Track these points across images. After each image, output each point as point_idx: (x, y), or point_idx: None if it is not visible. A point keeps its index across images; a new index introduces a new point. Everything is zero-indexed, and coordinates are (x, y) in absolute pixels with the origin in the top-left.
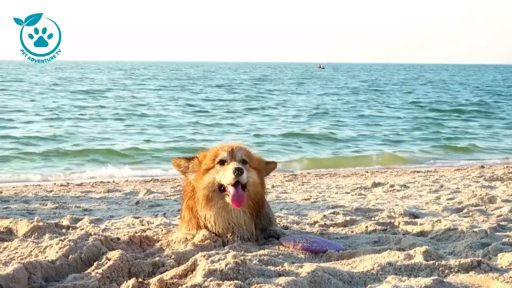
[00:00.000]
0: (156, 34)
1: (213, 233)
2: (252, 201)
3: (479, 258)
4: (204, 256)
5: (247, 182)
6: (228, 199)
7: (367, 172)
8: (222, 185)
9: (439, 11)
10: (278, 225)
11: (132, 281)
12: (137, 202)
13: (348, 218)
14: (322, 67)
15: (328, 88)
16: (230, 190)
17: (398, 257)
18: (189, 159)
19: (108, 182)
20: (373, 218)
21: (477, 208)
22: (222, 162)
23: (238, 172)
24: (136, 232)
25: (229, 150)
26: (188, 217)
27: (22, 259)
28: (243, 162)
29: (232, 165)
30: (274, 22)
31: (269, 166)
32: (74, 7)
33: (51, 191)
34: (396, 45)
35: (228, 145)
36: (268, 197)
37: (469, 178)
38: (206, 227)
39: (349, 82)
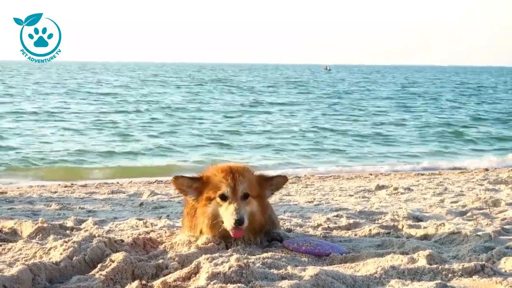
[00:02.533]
0: (154, 35)
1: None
2: (251, 227)
3: (483, 262)
4: (208, 258)
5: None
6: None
7: (371, 174)
8: None
9: (439, 11)
10: (282, 227)
11: (135, 283)
12: (141, 204)
13: (351, 221)
14: (328, 69)
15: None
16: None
17: (402, 260)
18: (192, 179)
19: (112, 183)
20: (376, 221)
21: (481, 211)
22: (224, 198)
23: (238, 223)
24: (139, 234)
25: (231, 185)
26: (188, 225)
27: (26, 260)
28: (245, 196)
29: (233, 214)
30: (274, 23)
31: (275, 181)
32: (74, 7)
33: (55, 192)
34: (396, 45)
35: (230, 175)
36: (272, 200)
37: (473, 181)
38: None
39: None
